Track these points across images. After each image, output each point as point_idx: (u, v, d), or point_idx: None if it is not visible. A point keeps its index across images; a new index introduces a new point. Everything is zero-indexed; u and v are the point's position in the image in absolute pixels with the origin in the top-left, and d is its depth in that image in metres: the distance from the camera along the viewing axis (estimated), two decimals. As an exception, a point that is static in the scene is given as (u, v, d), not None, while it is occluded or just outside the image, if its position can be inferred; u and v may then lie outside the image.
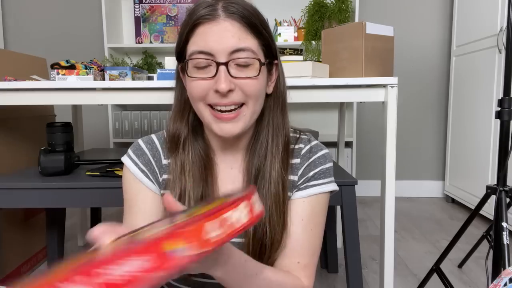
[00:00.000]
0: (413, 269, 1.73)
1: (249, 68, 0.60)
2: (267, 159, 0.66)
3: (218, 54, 0.58)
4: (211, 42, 0.58)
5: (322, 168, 0.70)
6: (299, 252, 0.67)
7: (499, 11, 2.13)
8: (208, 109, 0.61)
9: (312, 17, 2.58)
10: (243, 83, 0.59)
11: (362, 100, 1.24)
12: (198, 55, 0.59)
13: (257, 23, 0.60)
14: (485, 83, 2.29)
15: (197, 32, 0.59)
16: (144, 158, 0.70)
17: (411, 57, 2.92)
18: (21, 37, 3.03)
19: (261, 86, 0.62)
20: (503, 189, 1.19)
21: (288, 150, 0.68)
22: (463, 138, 2.59)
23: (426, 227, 2.29)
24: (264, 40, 0.62)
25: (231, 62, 0.58)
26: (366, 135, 3.00)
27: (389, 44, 1.26)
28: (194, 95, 0.61)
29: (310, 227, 0.67)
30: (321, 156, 0.70)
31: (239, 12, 0.58)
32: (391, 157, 1.19)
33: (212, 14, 0.58)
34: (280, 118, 0.68)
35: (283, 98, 0.68)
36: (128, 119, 2.82)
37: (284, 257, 0.67)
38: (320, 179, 0.69)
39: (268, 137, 0.67)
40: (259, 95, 0.62)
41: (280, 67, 0.68)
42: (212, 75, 0.59)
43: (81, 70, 1.35)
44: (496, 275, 1.10)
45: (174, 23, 2.90)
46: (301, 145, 0.71)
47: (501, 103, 1.21)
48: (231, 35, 0.58)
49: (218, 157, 0.70)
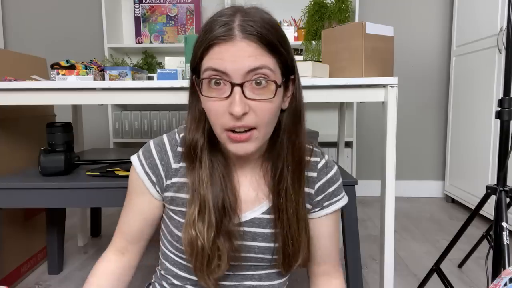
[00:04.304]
0: (413, 269, 1.73)
1: (265, 89, 0.58)
2: (284, 171, 0.67)
3: (233, 74, 0.56)
4: (226, 62, 0.56)
5: (339, 184, 0.75)
6: (332, 258, 0.79)
7: (499, 11, 2.13)
8: (225, 132, 0.60)
9: (312, 17, 2.58)
10: (257, 105, 0.58)
11: (362, 100, 1.24)
12: (212, 72, 0.58)
13: (275, 41, 0.58)
14: (485, 83, 2.29)
15: (212, 52, 0.57)
16: (151, 161, 0.70)
17: (411, 57, 2.92)
18: (21, 37, 3.03)
19: (275, 109, 0.61)
20: (503, 189, 1.19)
21: (302, 165, 0.68)
22: (463, 138, 2.59)
23: (426, 227, 2.29)
24: (282, 58, 0.60)
25: (246, 83, 0.57)
26: (366, 135, 3.00)
27: (389, 44, 1.26)
28: (211, 117, 0.61)
29: (335, 236, 0.78)
30: (336, 172, 0.75)
31: (256, 32, 0.56)
32: (391, 157, 1.19)
33: (229, 34, 0.56)
34: (295, 132, 0.67)
35: (299, 111, 0.67)
36: (128, 119, 2.82)
37: (320, 266, 0.78)
38: (338, 195, 0.76)
39: (285, 152, 0.67)
40: (271, 120, 0.61)
41: (297, 80, 0.67)
42: (227, 95, 0.57)
43: (81, 70, 1.35)
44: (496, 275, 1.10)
45: (174, 23, 2.90)
46: (317, 159, 0.73)
47: (501, 103, 1.21)
48: (248, 55, 0.56)
49: (237, 167, 0.71)
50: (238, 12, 0.58)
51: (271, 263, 0.72)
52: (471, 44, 2.46)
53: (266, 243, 0.69)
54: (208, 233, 0.64)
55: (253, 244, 0.69)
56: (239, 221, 0.68)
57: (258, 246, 0.69)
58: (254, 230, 0.69)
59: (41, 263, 1.78)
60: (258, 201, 0.70)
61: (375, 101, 1.21)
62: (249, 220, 0.69)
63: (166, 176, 0.70)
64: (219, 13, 0.60)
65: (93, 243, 2.05)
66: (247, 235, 0.69)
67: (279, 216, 0.67)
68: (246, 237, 0.69)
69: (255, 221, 0.69)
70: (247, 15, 0.58)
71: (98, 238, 2.12)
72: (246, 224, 0.69)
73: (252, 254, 0.70)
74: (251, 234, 0.69)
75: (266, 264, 0.72)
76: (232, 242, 0.66)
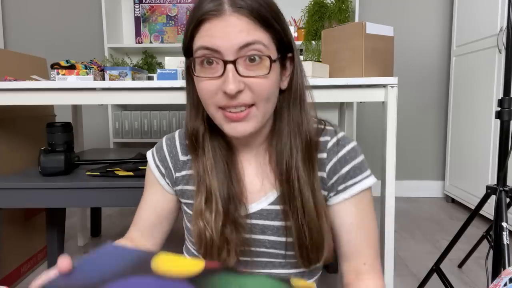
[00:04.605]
0: (413, 269, 1.73)
1: (259, 65, 0.55)
2: (291, 156, 0.62)
3: (225, 51, 0.54)
4: (217, 39, 0.54)
5: (355, 163, 0.65)
6: (361, 254, 0.66)
7: (499, 11, 2.13)
8: (220, 110, 0.58)
9: (312, 17, 2.58)
10: (253, 82, 0.55)
11: (362, 100, 1.24)
12: (204, 51, 0.55)
13: (268, 15, 0.55)
14: (485, 83, 2.29)
15: (202, 29, 0.55)
16: (161, 154, 0.72)
17: (411, 57, 2.92)
18: (21, 37, 3.03)
19: (272, 85, 0.58)
20: (503, 189, 1.19)
21: (311, 148, 0.63)
22: (463, 138, 2.59)
23: (426, 227, 2.29)
24: (276, 33, 0.57)
25: (239, 59, 0.54)
26: (366, 135, 3.00)
27: (389, 44, 1.26)
28: (203, 97, 0.59)
29: (362, 226, 0.66)
30: (351, 150, 0.66)
31: (247, 6, 0.54)
32: (391, 157, 1.19)
33: (218, 9, 0.53)
34: (298, 114, 0.63)
35: (300, 92, 0.63)
36: (128, 119, 2.82)
37: (349, 262, 0.67)
38: (356, 176, 0.65)
39: (290, 136, 0.63)
40: (270, 96, 0.58)
41: (296, 59, 0.63)
42: (219, 74, 0.55)
43: (81, 70, 1.35)
44: (496, 275, 1.10)
45: (174, 23, 2.90)
46: (327, 138, 0.66)
47: (501, 103, 1.21)
48: (239, 30, 0.53)
49: (240, 153, 0.68)
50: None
51: (286, 259, 0.66)
52: (471, 44, 2.46)
53: (277, 237, 0.65)
54: (216, 223, 0.61)
55: (263, 238, 0.65)
56: (246, 212, 0.64)
57: (269, 240, 0.65)
58: (263, 223, 0.65)
59: (41, 263, 1.78)
60: (264, 191, 0.66)
61: (375, 101, 1.21)
62: (256, 212, 0.65)
63: (174, 168, 0.71)
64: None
65: (93, 243, 2.05)
66: (255, 227, 0.65)
67: (290, 206, 0.62)
68: (254, 230, 0.65)
69: (263, 213, 0.65)
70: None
71: (98, 238, 2.12)
72: (254, 216, 0.65)
73: (263, 249, 0.66)
74: (259, 227, 0.65)
75: (281, 260, 0.67)
76: (240, 233, 0.63)
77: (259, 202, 0.66)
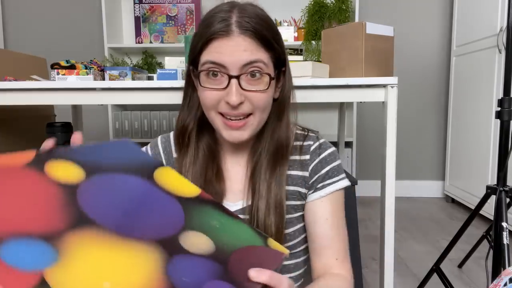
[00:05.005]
0: (413, 269, 1.73)
1: (259, 81, 0.63)
2: (262, 161, 0.69)
3: (231, 67, 0.61)
4: (224, 55, 0.60)
5: (334, 165, 0.72)
6: (334, 249, 0.70)
7: (499, 11, 2.13)
8: (220, 117, 0.64)
9: (312, 17, 2.58)
10: (253, 95, 0.62)
11: (362, 100, 1.24)
12: (211, 65, 0.62)
13: (269, 37, 0.63)
14: (485, 83, 2.29)
15: (211, 45, 0.61)
16: (155, 151, 0.76)
17: (411, 57, 2.92)
18: (21, 37, 3.03)
19: (269, 98, 0.65)
20: (503, 189, 1.19)
21: (286, 151, 0.70)
22: (463, 138, 2.59)
23: (426, 227, 2.29)
24: (275, 53, 0.65)
25: (242, 75, 0.61)
26: (366, 135, 3.00)
27: (389, 44, 1.26)
28: (206, 104, 0.65)
29: (336, 223, 0.71)
30: (331, 153, 0.73)
31: (252, 28, 0.61)
32: (391, 157, 1.19)
33: (227, 30, 0.60)
34: (285, 121, 0.70)
35: (284, 101, 0.70)
36: (128, 119, 2.82)
37: (321, 257, 0.70)
38: (334, 177, 0.72)
39: (266, 139, 0.69)
40: (266, 107, 0.65)
41: (287, 71, 0.70)
42: (224, 86, 0.62)
43: (81, 70, 1.35)
44: (496, 275, 1.10)
45: (174, 23, 2.90)
46: (310, 142, 0.73)
47: (501, 103, 1.21)
48: (244, 49, 0.61)
49: (227, 154, 0.73)
50: (235, 8, 0.62)
51: None
52: (471, 44, 2.46)
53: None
54: None
55: None
56: None
57: None
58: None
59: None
60: (236, 197, 0.71)
61: (375, 101, 1.21)
62: (237, 211, 0.70)
63: (167, 164, 0.74)
64: (217, 8, 0.64)
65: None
66: None
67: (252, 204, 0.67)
68: None
69: (239, 213, 0.70)
70: (244, 11, 0.62)
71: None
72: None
73: None
74: None
75: None
76: None
77: (237, 203, 0.70)
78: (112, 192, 0.45)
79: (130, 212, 0.44)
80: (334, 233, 0.70)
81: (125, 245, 0.41)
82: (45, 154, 0.46)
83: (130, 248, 0.41)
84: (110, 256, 0.39)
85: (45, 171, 0.44)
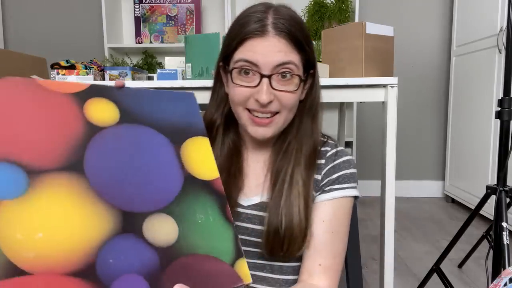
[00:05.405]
0: (413, 269, 1.73)
1: (289, 81, 0.64)
2: (290, 160, 0.69)
3: (263, 66, 0.62)
4: (258, 55, 0.62)
5: (346, 172, 0.71)
6: (321, 254, 0.67)
7: (499, 11, 2.13)
8: (246, 112, 0.66)
9: (312, 17, 2.58)
10: (282, 95, 0.64)
11: (362, 100, 1.24)
12: (244, 63, 0.63)
13: (302, 40, 0.64)
14: (485, 83, 2.29)
15: (246, 44, 0.63)
16: None
17: (411, 57, 2.92)
18: (21, 37, 3.03)
19: (297, 99, 0.67)
20: (503, 189, 1.19)
21: (315, 156, 0.70)
22: (463, 138, 2.59)
23: (426, 227, 2.29)
24: (306, 55, 0.66)
25: (274, 75, 0.63)
26: (366, 135, 3.00)
27: (389, 44, 1.27)
28: (236, 100, 0.66)
29: (332, 229, 0.68)
30: (346, 161, 0.72)
31: (287, 30, 0.62)
32: (391, 157, 1.19)
33: (262, 30, 0.62)
34: (309, 124, 0.71)
35: (315, 105, 0.72)
36: (128, 119, 2.82)
37: (307, 258, 0.68)
38: (344, 183, 0.70)
39: (295, 140, 0.70)
40: (293, 107, 0.67)
41: (316, 75, 0.71)
42: (255, 84, 0.63)
43: (81, 70, 1.36)
44: (496, 275, 1.10)
45: (174, 23, 2.90)
46: (328, 148, 0.74)
47: (501, 103, 1.21)
48: (278, 50, 0.62)
49: (249, 151, 0.75)
50: (270, 9, 0.64)
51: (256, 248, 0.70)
52: (471, 44, 2.46)
53: (255, 225, 0.70)
54: None
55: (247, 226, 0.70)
56: (239, 202, 0.70)
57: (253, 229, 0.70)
58: (254, 213, 0.70)
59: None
60: (252, 192, 0.71)
61: (375, 101, 1.21)
62: (250, 205, 0.70)
63: None
64: (252, 8, 0.65)
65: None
66: (245, 216, 0.70)
67: (276, 205, 0.66)
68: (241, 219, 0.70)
69: (255, 207, 0.70)
70: (279, 13, 0.63)
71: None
72: (248, 208, 0.70)
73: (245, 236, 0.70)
74: (248, 217, 0.70)
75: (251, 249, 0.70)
76: None
77: (252, 198, 0.71)
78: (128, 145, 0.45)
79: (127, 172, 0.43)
80: (326, 238, 0.67)
81: (89, 205, 0.40)
82: (96, 89, 0.46)
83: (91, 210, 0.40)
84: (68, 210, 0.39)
85: (83, 105, 0.44)
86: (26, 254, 0.36)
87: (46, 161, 0.40)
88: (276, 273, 0.71)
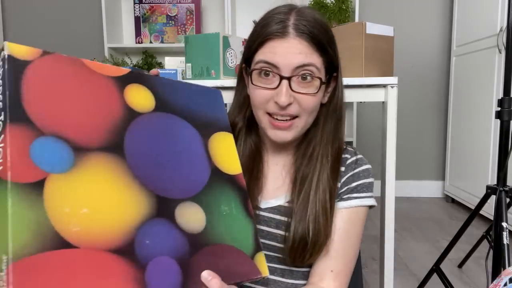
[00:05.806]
0: (413, 269, 1.73)
1: (310, 84, 0.63)
2: (316, 166, 0.68)
3: (283, 68, 0.61)
4: (278, 56, 0.61)
5: (365, 181, 0.71)
6: (333, 260, 0.67)
7: (499, 11, 2.13)
8: (267, 116, 0.65)
9: (312, 17, 2.57)
10: (302, 97, 0.63)
11: (362, 100, 1.24)
12: (264, 64, 0.62)
13: (324, 42, 0.63)
14: (485, 83, 2.29)
15: (267, 45, 0.62)
16: None
17: (411, 57, 2.92)
18: (21, 37, 3.03)
19: (318, 101, 0.66)
20: (503, 189, 1.19)
21: (339, 160, 0.70)
22: (463, 138, 2.59)
23: (426, 227, 2.29)
24: (328, 58, 0.65)
25: (294, 77, 0.62)
26: (366, 135, 3.00)
27: (389, 44, 1.26)
28: (256, 103, 0.65)
29: (346, 236, 0.68)
30: (365, 170, 0.72)
31: (309, 31, 0.61)
32: (391, 157, 1.19)
33: (283, 31, 0.61)
34: (333, 128, 0.70)
35: (339, 109, 0.71)
36: (128, 119, 2.82)
37: (319, 263, 0.68)
38: (362, 192, 0.70)
39: (320, 145, 0.69)
40: (313, 110, 0.66)
41: (339, 78, 0.70)
42: (275, 86, 0.62)
43: (81, 70, 1.35)
44: (496, 275, 1.10)
45: (174, 23, 2.90)
46: (347, 155, 0.73)
47: (501, 103, 1.21)
48: (298, 52, 0.61)
49: (269, 154, 0.74)
50: (293, 10, 0.63)
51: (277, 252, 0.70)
52: (471, 44, 2.46)
53: (279, 230, 0.69)
54: None
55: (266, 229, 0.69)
56: (257, 204, 0.69)
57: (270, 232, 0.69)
58: (272, 216, 0.70)
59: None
60: (270, 195, 0.71)
61: (375, 101, 1.21)
62: (267, 208, 0.70)
63: None
64: (276, 10, 0.64)
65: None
66: (262, 219, 0.70)
67: (298, 210, 0.66)
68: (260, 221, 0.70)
69: (273, 211, 0.70)
70: (301, 14, 0.62)
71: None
72: (265, 210, 0.70)
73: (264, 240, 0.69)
74: (267, 219, 0.70)
75: (270, 253, 0.70)
76: None
77: (270, 201, 0.71)
78: (163, 133, 0.46)
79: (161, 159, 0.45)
80: (340, 246, 0.67)
81: (128, 187, 0.41)
82: (135, 76, 0.47)
83: (129, 192, 0.41)
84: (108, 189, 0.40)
85: (124, 90, 0.45)
86: (73, 228, 0.37)
87: (90, 140, 0.41)
88: (286, 277, 0.71)
